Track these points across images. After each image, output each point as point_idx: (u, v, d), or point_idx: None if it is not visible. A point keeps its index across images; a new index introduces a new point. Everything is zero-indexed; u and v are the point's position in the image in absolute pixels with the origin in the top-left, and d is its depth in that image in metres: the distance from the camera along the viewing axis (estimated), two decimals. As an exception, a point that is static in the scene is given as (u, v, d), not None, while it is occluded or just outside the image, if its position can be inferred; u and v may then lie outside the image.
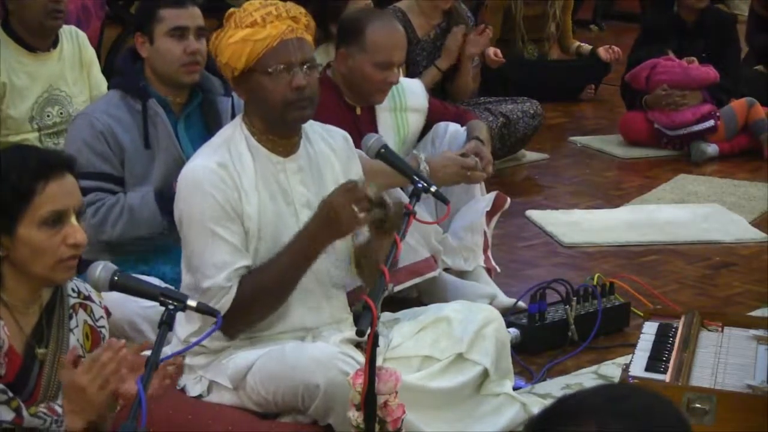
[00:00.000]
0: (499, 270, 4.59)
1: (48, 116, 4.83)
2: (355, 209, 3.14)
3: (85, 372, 2.54)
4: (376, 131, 4.28)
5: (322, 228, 3.22)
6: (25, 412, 2.62)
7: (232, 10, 3.31)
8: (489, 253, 4.56)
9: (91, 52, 5.04)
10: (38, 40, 4.84)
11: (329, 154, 3.48)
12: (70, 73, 4.91)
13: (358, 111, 4.34)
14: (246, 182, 3.30)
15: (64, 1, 4.79)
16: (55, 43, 4.89)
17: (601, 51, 7.96)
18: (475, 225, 4.49)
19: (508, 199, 4.64)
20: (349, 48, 4.28)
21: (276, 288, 3.31)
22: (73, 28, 5.02)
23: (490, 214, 4.55)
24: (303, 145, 3.43)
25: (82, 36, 5.04)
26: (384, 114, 4.38)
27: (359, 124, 4.30)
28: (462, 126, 4.58)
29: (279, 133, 3.36)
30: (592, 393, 1.63)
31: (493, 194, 4.58)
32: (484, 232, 4.51)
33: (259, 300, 3.30)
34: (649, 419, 1.57)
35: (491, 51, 6.98)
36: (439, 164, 4.28)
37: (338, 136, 3.53)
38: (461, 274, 4.48)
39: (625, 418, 1.56)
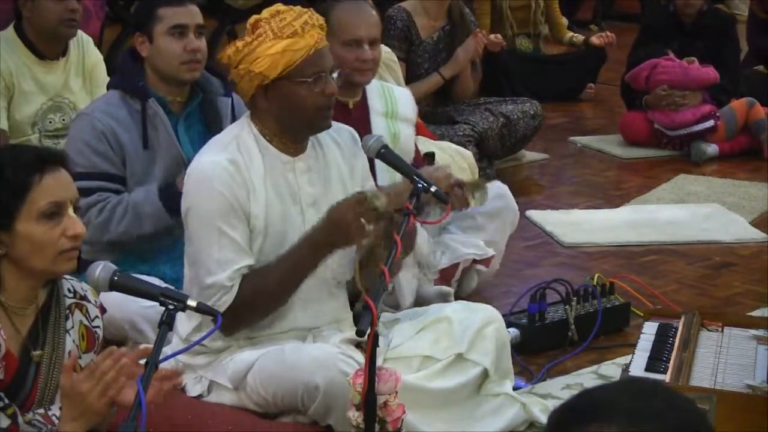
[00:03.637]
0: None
1: (50, 122, 4.81)
2: (363, 221, 3.16)
3: (85, 379, 2.54)
4: (370, 132, 4.26)
5: (327, 236, 3.25)
6: (20, 419, 2.61)
7: (257, 18, 3.27)
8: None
9: (94, 56, 4.99)
10: (49, 47, 4.80)
11: (336, 152, 3.48)
12: (75, 81, 4.89)
13: (351, 105, 4.32)
14: (255, 180, 3.30)
15: (80, 11, 4.76)
16: (64, 51, 4.87)
17: (594, 38, 8.00)
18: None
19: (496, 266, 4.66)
20: None
21: (277, 290, 3.32)
22: (81, 33, 4.97)
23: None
24: (311, 144, 3.43)
25: (86, 39, 5.01)
26: (377, 118, 4.33)
27: (350, 120, 4.27)
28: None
29: (295, 137, 3.37)
30: (616, 390, 1.61)
31: (491, 253, 4.59)
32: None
33: (259, 301, 3.31)
34: (676, 418, 1.56)
35: (491, 36, 6.96)
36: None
37: (345, 132, 3.53)
38: None
39: (652, 418, 1.55)
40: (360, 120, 4.29)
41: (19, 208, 2.60)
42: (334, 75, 3.32)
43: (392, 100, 4.40)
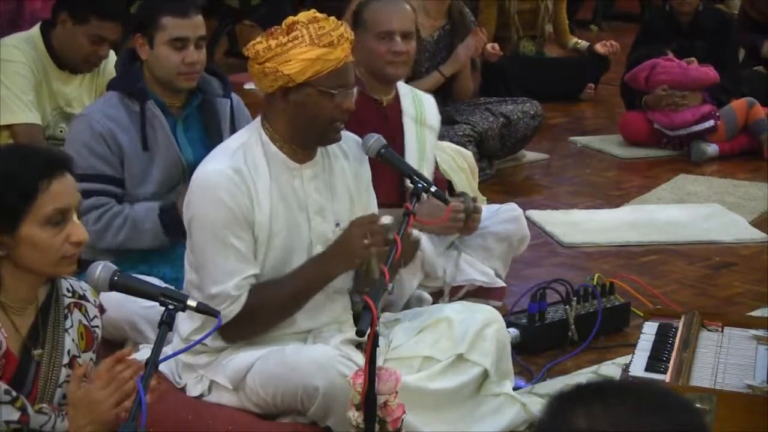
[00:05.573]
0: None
1: (61, 131, 4.80)
2: (366, 242, 3.21)
3: (102, 387, 2.53)
4: (402, 135, 4.26)
5: (335, 255, 3.29)
6: (30, 410, 2.62)
7: (294, 20, 3.26)
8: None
9: (111, 70, 4.87)
10: (70, 64, 4.79)
11: (342, 159, 3.48)
12: (88, 96, 4.87)
13: (384, 103, 4.30)
14: (260, 189, 3.29)
15: (107, 55, 4.72)
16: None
17: (598, 46, 7.99)
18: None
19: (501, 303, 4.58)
20: (357, 32, 4.24)
21: (283, 307, 3.35)
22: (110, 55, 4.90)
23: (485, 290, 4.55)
24: (319, 151, 3.43)
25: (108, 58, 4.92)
26: (409, 122, 4.32)
27: (386, 122, 4.23)
28: None
29: (304, 144, 3.37)
30: (608, 382, 1.64)
31: (500, 284, 4.56)
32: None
33: (264, 314, 3.33)
34: (664, 411, 1.58)
35: (489, 45, 6.97)
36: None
37: (351, 140, 3.52)
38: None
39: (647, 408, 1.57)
40: (395, 123, 4.27)
41: (24, 213, 2.59)
42: (354, 91, 3.33)
43: (421, 105, 4.40)
